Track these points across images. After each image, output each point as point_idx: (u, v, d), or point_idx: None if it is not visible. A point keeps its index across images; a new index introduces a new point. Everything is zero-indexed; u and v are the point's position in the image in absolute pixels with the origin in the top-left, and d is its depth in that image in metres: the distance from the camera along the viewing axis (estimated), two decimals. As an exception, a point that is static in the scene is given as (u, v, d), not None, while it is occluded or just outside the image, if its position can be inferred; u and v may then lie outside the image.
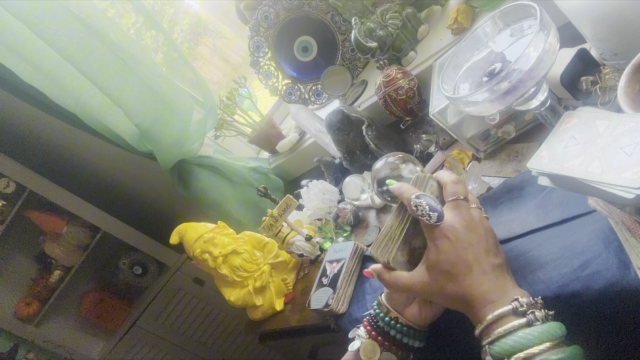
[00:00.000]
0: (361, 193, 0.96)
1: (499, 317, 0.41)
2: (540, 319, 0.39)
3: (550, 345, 0.37)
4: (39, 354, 1.68)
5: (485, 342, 0.42)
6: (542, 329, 0.38)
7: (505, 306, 0.41)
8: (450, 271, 0.45)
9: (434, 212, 0.45)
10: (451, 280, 0.45)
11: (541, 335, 0.38)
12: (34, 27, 0.94)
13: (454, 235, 0.45)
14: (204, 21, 2.32)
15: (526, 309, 0.40)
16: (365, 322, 0.57)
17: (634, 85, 0.47)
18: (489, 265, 0.44)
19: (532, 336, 0.38)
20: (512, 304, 0.41)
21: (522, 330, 0.39)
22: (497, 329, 0.40)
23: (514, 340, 0.39)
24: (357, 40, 0.98)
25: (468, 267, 0.44)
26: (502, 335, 0.40)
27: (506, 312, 0.41)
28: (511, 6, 0.53)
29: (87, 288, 1.81)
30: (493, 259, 0.45)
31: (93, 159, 1.61)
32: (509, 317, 0.41)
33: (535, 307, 0.41)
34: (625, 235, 0.42)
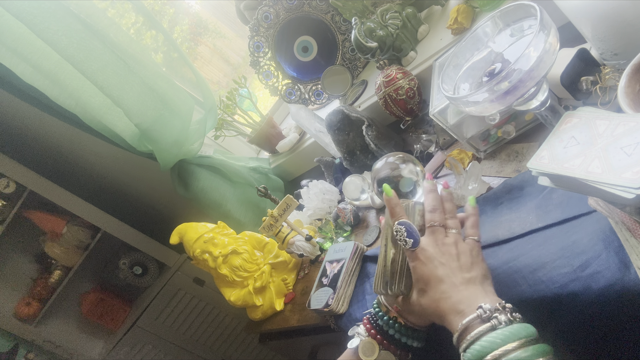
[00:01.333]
0: (361, 193, 0.96)
1: (467, 325, 0.43)
2: (504, 322, 0.41)
3: (517, 345, 0.39)
4: (39, 354, 1.68)
5: (461, 350, 0.44)
6: (506, 331, 0.40)
7: (471, 314, 0.43)
8: (423, 288, 0.49)
9: (410, 238, 0.51)
10: (425, 296, 0.49)
11: (505, 337, 0.40)
12: (34, 27, 0.94)
13: (425, 256, 0.50)
14: (204, 21, 2.32)
15: (489, 315, 0.42)
16: (365, 321, 0.57)
17: (634, 85, 0.47)
18: (460, 279, 0.47)
19: (497, 339, 0.40)
20: (477, 312, 0.43)
21: (488, 334, 0.41)
22: (467, 336, 0.43)
23: (480, 345, 0.41)
24: (357, 40, 0.98)
25: (438, 281, 0.48)
26: (472, 342, 0.42)
27: (472, 319, 0.43)
28: (511, 6, 0.53)
29: (87, 288, 1.81)
30: (465, 274, 0.48)
31: (93, 159, 1.61)
32: (475, 324, 0.43)
33: (499, 312, 0.42)
34: (625, 235, 0.42)
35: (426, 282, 0.49)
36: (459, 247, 0.50)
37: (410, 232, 0.51)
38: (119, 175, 1.67)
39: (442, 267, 0.48)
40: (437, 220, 0.52)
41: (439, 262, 0.49)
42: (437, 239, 0.51)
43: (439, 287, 0.47)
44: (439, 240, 0.51)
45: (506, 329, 0.41)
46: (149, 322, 1.74)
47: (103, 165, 1.63)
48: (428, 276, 0.49)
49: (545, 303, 0.46)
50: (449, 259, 0.49)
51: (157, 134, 1.16)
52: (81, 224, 1.65)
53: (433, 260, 0.49)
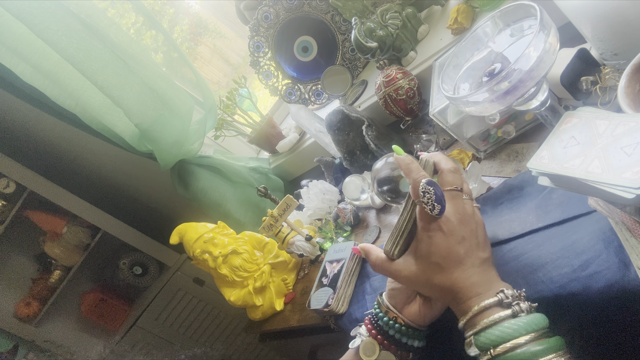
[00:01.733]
0: (361, 193, 0.96)
1: (484, 308, 0.41)
2: (525, 311, 0.40)
3: (535, 335, 0.38)
4: (39, 354, 1.68)
5: (471, 333, 0.42)
6: (527, 320, 0.39)
7: (491, 298, 0.42)
8: (440, 264, 0.45)
9: (439, 204, 0.44)
10: (440, 272, 0.45)
11: (526, 325, 0.39)
12: (34, 27, 0.94)
13: (448, 228, 0.45)
14: (204, 21, 2.32)
15: (511, 301, 0.41)
16: (367, 321, 0.57)
17: (634, 85, 0.47)
18: (478, 259, 0.45)
19: (517, 327, 0.39)
20: (498, 296, 0.41)
21: (508, 321, 0.40)
22: (482, 320, 0.41)
23: (500, 330, 0.39)
24: (357, 40, 0.98)
25: (459, 260, 0.44)
26: (488, 326, 0.40)
27: (492, 303, 0.41)
28: (511, 6, 0.53)
29: (87, 288, 1.81)
30: (482, 253, 0.46)
31: (93, 159, 1.61)
32: (494, 309, 0.41)
33: (519, 299, 0.41)
34: (625, 235, 0.42)
35: (445, 257, 0.44)
36: (476, 217, 0.47)
37: (439, 197, 0.44)
38: (119, 175, 1.67)
39: (464, 243, 0.44)
40: (459, 183, 0.47)
41: (461, 237, 0.44)
42: (458, 207, 0.46)
43: (458, 267, 0.44)
44: (460, 209, 0.46)
45: (527, 318, 0.39)
46: (149, 322, 1.74)
47: (103, 165, 1.63)
48: (447, 252, 0.44)
49: (545, 303, 0.46)
50: (470, 234, 0.45)
51: (157, 134, 1.16)
52: (81, 224, 1.65)
53: (455, 234, 0.44)
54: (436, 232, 0.45)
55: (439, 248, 0.45)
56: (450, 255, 0.45)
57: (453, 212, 0.45)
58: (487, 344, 0.40)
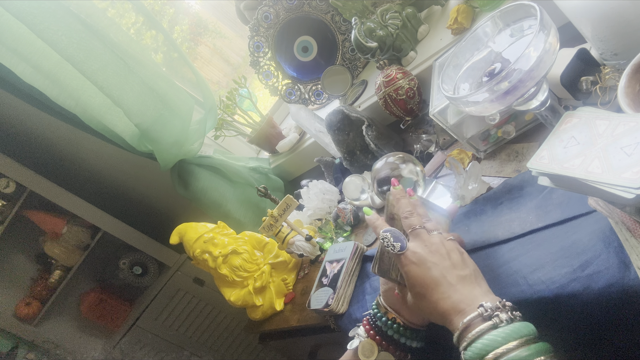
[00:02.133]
0: (361, 193, 0.96)
1: (468, 323, 0.43)
2: (505, 321, 0.41)
3: (518, 343, 0.39)
4: (39, 354, 1.68)
5: (461, 348, 0.44)
6: (508, 330, 0.40)
7: (472, 313, 0.43)
8: (420, 291, 0.48)
9: (397, 242, 0.50)
10: (423, 299, 0.48)
11: (507, 335, 0.40)
12: (34, 27, 0.94)
13: (417, 258, 0.49)
14: (204, 21, 2.32)
15: (491, 313, 0.42)
16: (365, 322, 0.57)
17: (634, 85, 0.47)
18: (455, 277, 0.47)
19: (498, 337, 0.40)
20: (478, 310, 0.43)
21: (489, 332, 0.41)
22: (467, 335, 0.43)
23: (482, 343, 0.41)
24: (357, 40, 0.98)
25: (435, 283, 0.47)
26: (472, 340, 0.42)
27: (473, 317, 0.43)
28: (511, 6, 0.53)
29: (87, 288, 1.81)
30: (459, 272, 0.48)
31: (93, 159, 1.61)
32: (476, 323, 0.43)
33: (500, 310, 0.42)
34: (625, 235, 0.42)
35: (422, 285, 0.48)
36: (446, 245, 0.50)
37: (396, 237, 0.51)
38: (119, 175, 1.67)
39: (435, 267, 0.48)
40: (416, 224, 0.52)
41: (431, 262, 0.48)
42: (423, 239, 0.50)
43: (437, 289, 0.47)
44: (425, 241, 0.50)
45: (507, 328, 0.40)
46: (149, 322, 1.74)
47: (103, 165, 1.63)
48: (423, 279, 0.48)
49: (545, 303, 0.46)
50: (440, 258, 0.48)
51: (157, 134, 1.16)
52: (81, 224, 1.65)
53: (425, 262, 0.48)
54: (409, 266, 0.49)
55: (415, 279, 0.49)
56: (426, 280, 0.48)
57: (419, 245, 0.50)
58: (474, 357, 0.41)
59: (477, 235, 0.61)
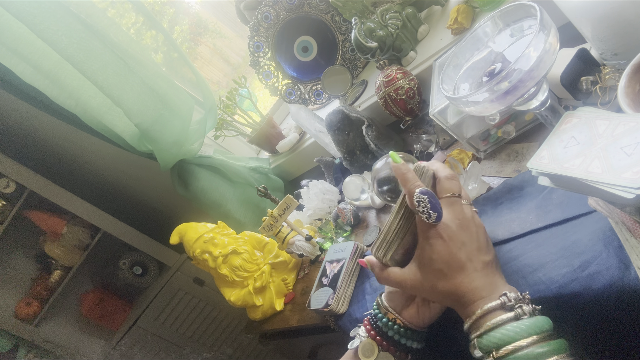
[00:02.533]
0: (361, 193, 0.96)
1: (487, 311, 0.42)
2: (528, 313, 0.40)
3: (537, 338, 0.38)
4: (39, 354, 1.68)
5: (474, 336, 0.42)
6: (529, 323, 0.39)
7: (494, 301, 0.42)
8: (442, 269, 0.45)
9: (434, 211, 0.45)
10: (443, 278, 0.45)
11: (528, 328, 0.39)
12: (34, 27, 0.94)
13: (447, 234, 0.45)
14: (204, 21, 2.32)
15: (514, 304, 0.41)
16: (366, 322, 0.57)
17: (634, 85, 0.47)
18: (480, 263, 0.45)
19: (519, 329, 0.39)
20: (501, 299, 0.42)
21: (510, 323, 0.40)
22: (485, 323, 0.41)
23: (502, 333, 0.40)
24: (357, 40, 0.98)
25: (461, 265, 0.45)
26: (490, 329, 0.41)
27: (495, 306, 0.42)
28: (511, 6, 0.53)
29: (87, 288, 1.81)
30: (484, 257, 0.46)
31: (93, 159, 1.61)
32: (497, 312, 0.41)
33: (523, 302, 0.41)
34: (625, 235, 0.42)
35: (447, 263, 0.45)
36: (476, 221, 0.47)
37: (434, 204, 0.45)
38: (119, 175, 1.67)
39: (464, 248, 0.45)
40: (456, 190, 0.47)
41: (460, 242, 0.45)
42: (457, 212, 0.46)
43: (460, 272, 0.44)
44: (459, 214, 0.46)
45: (530, 321, 0.39)
46: (149, 322, 1.74)
47: (103, 165, 1.63)
48: (449, 258, 0.45)
49: (545, 303, 0.46)
50: (470, 238, 0.45)
51: (157, 134, 1.16)
52: (81, 224, 1.65)
53: (455, 240, 0.45)
54: (436, 239, 0.45)
55: (440, 255, 0.45)
56: (452, 261, 0.45)
57: (452, 218, 0.46)
58: (490, 346, 0.40)
59: (477, 235, 0.61)
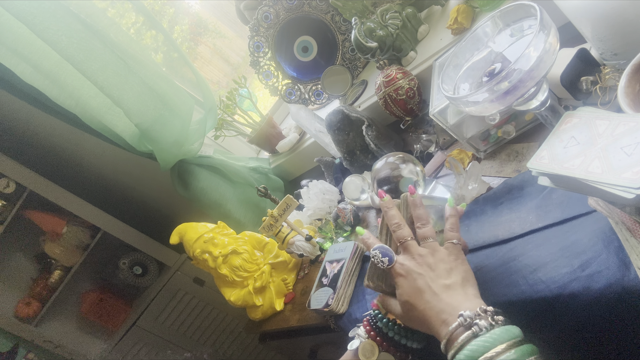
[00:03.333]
0: (361, 193, 0.96)
1: (450, 334, 0.44)
2: (484, 328, 0.41)
3: (501, 349, 0.39)
4: (39, 354, 1.68)
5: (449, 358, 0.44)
6: (488, 337, 0.41)
7: (453, 323, 0.44)
8: (408, 300, 0.50)
9: (385, 257, 0.52)
10: (411, 308, 0.50)
11: (488, 342, 0.40)
12: (34, 27, 0.94)
13: (405, 270, 0.51)
14: (204, 21, 2.32)
15: (471, 322, 0.42)
16: (365, 322, 0.57)
17: (634, 85, 0.47)
18: (440, 287, 0.48)
19: (479, 346, 0.40)
20: (458, 320, 0.43)
21: (470, 341, 0.42)
22: (453, 344, 0.43)
23: (465, 354, 0.41)
24: (357, 40, 0.98)
25: (420, 292, 0.49)
26: (458, 350, 0.42)
27: (455, 328, 0.43)
28: (511, 6, 0.53)
29: (87, 288, 1.81)
30: (444, 281, 0.48)
31: (93, 159, 1.61)
32: (458, 332, 0.43)
33: (480, 317, 0.42)
34: (625, 235, 0.42)
35: (409, 295, 0.50)
36: (435, 255, 0.51)
37: (384, 253, 0.53)
38: (119, 175, 1.67)
39: (421, 277, 0.49)
40: (405, 236, 0.53)
41: (417, 273, 0.50)
42: (412, 252, 0.52)
43: (422, 298, 0.48)
44: (414, 253, 0.52)
45: (488, 335, 0.41)
46: (149, 322, 1.74)
47: (103, 165, 1.63)
48: (410, 289, 0.50)
49: (545, 303, 0.46)
50: (426, 269, 0.50)
51: (157, 134, 1.16)
52: (81, 224, 1.65)
53: (412, 273, 0.50)
54: (398, 278, 0.51)
55: (403, 288, 0.51)
56: (412, 291, 0.50)
57: (407, 257, 0.52)
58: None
59: (477, 235, 0.61)
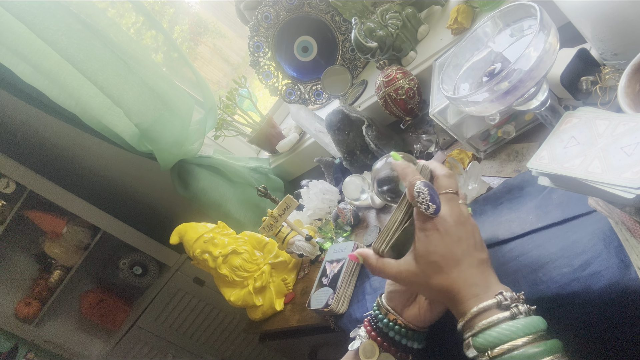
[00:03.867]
0: (361, 193, 0.96)
1: (483, 310, 0.41)
2: (524, 313, 0.40)
3: (532, 337, 0.38)
4: (39, 354, 1.68)
5: (469, 335, 0.42)
6: (525, 322, 0.39)
7: (489, 299, 0.42)
8: (438, 263, 0.45)
9: (433, 203, 0.45)
10: (438, 272, 0.45)
11: (524, 328, 0.39)
12: (34, 27, 0.94)
13: (444, 228, 0.45)
14: (204, 21, 2.32)
15: (510, 303, 0.41)
16: (366, 322, 0.57)
17: (634, 85, 0.47)
18: (476, 259, 0.45)
19: (515, 328, 0.39)
20: (497, 298, 0.42)
21: (506, 322, 0.40)
22: (481, 322, 0.41)
23: (497, 332, 0.40)
24: (357, 40, 0.98)
25: (456, 260, 0.45)
26: (486, 327, 0.40)
27: (490, 305, 0.41)
28: (511, 6, 0.53)
29: (87, 288, 1.81)
30: (480, 254, 0.46)
31: (93, 159, 1.61)
32: (493, 310, 0.41)
33: (518, 302, 0.41)
34: (625, 235, 0.42)
35: (442, 256, 0.45)
36: (471, 220, 0.47)
37: (433, 197, 0.46)
38: (119, 175, 1.67)
39: (460, 243, 0.45)
40: (454, 187, 0.48)
41: (457, 237, 0.45)
42: (454, 208, 0.46)
43: (456, 267, 0.44)
44: (456, 210, 0.46)
45: (526, 320, 0.39)
46: (149, 322, 1.74)
47: (103, 165, 1.63)
48: (445, 251, 0.45)
49: (545, 303, 0.46)
50: (467, 235, 0.45)
51: (157, 134, 1.16)
52: (81, 224, 1.65)
53: (451, 234, 0.45)
54: (433, 232, 0.46)
55: (436, 247, 0.45)
56: (448, 255, 0.45)
57: (449, 213, 0.46)
58: (485, 345, 0.40)
59: (477, 235, 0.61)
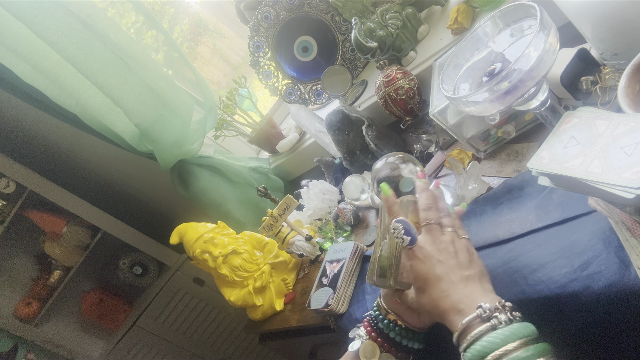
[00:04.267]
0: (361, 193, 0.96)
1: (467, 324, 0.43)
2: (504, 322, 0.41)
3: (517, 344, 0.39)
4: (39, 354, 1.68)
5: (461, 350, 0.44)
6: (506, 331, 0.40)
7: (471, 314, 0.43)
8: (421, 287, 0.49)
9: (407, 235, 0.50)
10: (424, 294, 0.49)
11: (506, 337, 0.40)
12: (34, 27, 0.94)
13: (423, 254, 0.49)
14: (204, 21, 2.32)
15: (489, 314, 0.42)
16: (366, 323, 0.57)
17: (634, 85, 0.47)
18: (459, 277, 0.47)
19: (497, 339, 0.40)
20: (477, 311, 0.43)
21: (488, 334, 0.41)
22: (467, 336, 0.43)
23: (481, 345, 0.41)
24: (357, 40, 0.98)
25: (437, 280, 0.48)
26: (472, 342, 0.42)
27: (472, 319, 0.43)
28: (511, 6, 0.53)
29: (87, 288, 1.81)
30: (464, 272, 0.48)
31: (93, 159, 1.61)
32: (475, 324, 0.43)
33: (499, 311, 0.42)
34: (625, 235, 0.42)
35: (425, 281, 0.48)
36: (456, 244, 0.50)
37: (407, 230, 0.51)
38: (119, 175, 1.67)
39: (440, 265, 0.48)
40: (432, 218, 0.51)
41: (436, 260, 0.48)
42: (434, 236, 0.50)
43: (438, 286, 0.47)
44: (435, 238, 0.50)
45: (506, 329, 0.40)
46: (149, 322, 1.74)
47: (103, 166, 1.63)
48: (426, 274, 0.48)
49: (545, 303, 0.46)
50: (447, 256, 0.48)
51: (157, 134, 1.16)
52: (81, 224, 1.65)
53: (431, 259, 0.48)
54: (414, 260, 0.50)
55: (419, 273, 0.49)
56: (428, 277, 0.48)
57: (428, 241, 0.50)
58: (474, 358, 0.41)
59: (477, 235, 0.61)
